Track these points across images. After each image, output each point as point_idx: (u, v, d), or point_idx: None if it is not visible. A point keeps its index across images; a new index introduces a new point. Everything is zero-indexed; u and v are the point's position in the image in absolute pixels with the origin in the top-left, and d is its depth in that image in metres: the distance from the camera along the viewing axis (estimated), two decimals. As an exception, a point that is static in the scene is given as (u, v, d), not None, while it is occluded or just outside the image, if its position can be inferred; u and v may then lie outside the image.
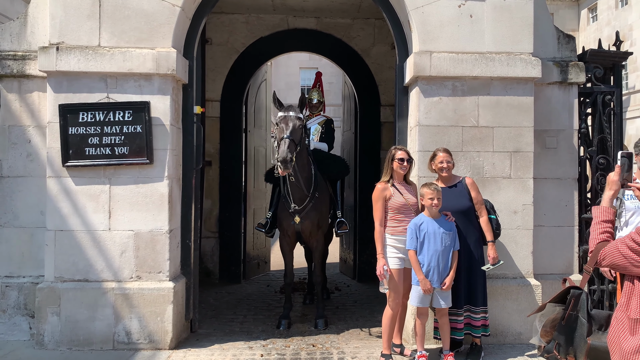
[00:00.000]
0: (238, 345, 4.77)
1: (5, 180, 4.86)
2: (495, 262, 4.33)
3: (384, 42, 7.78)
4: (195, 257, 5.08)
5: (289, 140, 4.83)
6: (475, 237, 4.36)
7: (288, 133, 4.89)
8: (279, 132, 5.00)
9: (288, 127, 4.94)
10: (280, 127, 5.00)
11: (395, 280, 4.23)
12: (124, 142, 4.59)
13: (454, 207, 4.31)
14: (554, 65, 5.05)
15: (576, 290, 2.33)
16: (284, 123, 5.00)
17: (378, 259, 4.20)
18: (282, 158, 4.71)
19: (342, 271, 8.51)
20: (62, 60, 4.55)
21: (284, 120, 5.02)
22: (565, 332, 2.25)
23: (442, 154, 4.38)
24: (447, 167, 4.35)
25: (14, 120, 4.87)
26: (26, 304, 4.78)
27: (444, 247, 4.13)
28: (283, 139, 4.86)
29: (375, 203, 4.27)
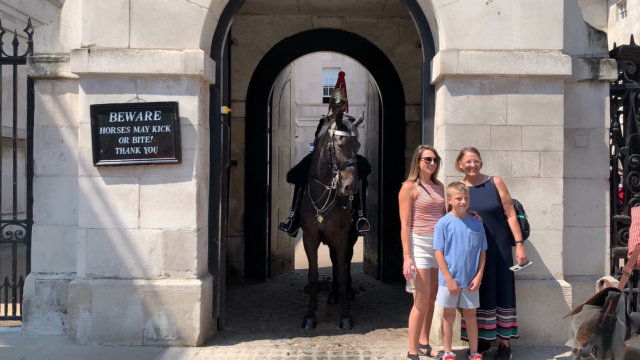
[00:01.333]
0: (264, 343, 4.81)
1: (39, 179, 4.99)
2: (524, 262, 4.27)
3: (408, 40, 7.74)
4: (222, 256, 5.14)
5: (355, 168, 4.91)
6: (504, 237, 4.31)
7: (354, 159, 4.94)
8: (340, 155, 4.94)
9: (352, 152, 4.97)
10: (345, 150, 4.94)
11: (422, 280, 4.20)
12: (153, 141, 4.67)
13: (482, 207, 4.27)
14: (585, 62, 4.95)
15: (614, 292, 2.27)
16: (349, 146, 4.96)
17: (405, 259, 4.18)
18: (353, 189, 4.89)
19: (366, 271, 8.50)
20: (93, 62, 4.65)
21: (348, 143, 4.98)
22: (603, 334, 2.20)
23: (470, 153, 4.34)
24: (474, 167, 4.31)
25: (47, 120, 5.00)
26: (59, 300, 4.90)
27: (471, 248, 4.08)
28: (349, 166, 4.88)
29: (402, 202, 4.24)
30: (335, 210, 5.38)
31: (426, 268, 4.22)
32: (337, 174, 4.96)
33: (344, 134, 5.00)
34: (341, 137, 4.99)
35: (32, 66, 4.96)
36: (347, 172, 4.89)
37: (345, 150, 4.96)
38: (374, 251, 8.08)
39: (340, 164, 4.95)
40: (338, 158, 4.98)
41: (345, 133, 5.01)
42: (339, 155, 4.97)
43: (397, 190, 7.79)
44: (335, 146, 5.01)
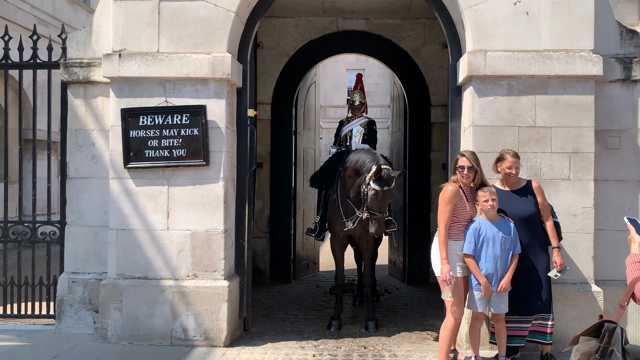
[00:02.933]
0: (290, 344, 4.84)
1: (72, 181, 5.13)
2: (562, 268, 4.19)
3: (434, 41, 7.69)
4: (248, 257, 5.19)
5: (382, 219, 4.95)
6: (541, 243, 4.23)
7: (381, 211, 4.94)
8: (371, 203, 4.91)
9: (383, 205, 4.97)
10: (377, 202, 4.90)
11: (460, 287, 4.08)
12: (182, 144, 4.75)
13: (520, 212, 4.18)
14: (617, 62, 4.85)
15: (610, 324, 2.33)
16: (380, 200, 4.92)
17: (442, 264, 3.98)
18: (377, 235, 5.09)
19: (391, 273, 8.46)
20: (123, 66, 4.76)
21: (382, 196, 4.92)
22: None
23: (512, 158, 4.19)
24: (515, 173, 4.21)
25: (79, 124, 5.14)
26: (91, 299, 5.02)
27: (502, 252, 4.03)
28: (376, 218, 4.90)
29: (445, 205, 4.01)
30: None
31: (463, 275, 4.12)
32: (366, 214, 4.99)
33: (378, 188, 4.91)
34: (375, 191, 4.91)
35: (65, 71, 5.10)
36: (374, 222, 4.94)
37: (378, 202, 4.93)
38: (399, 253, 8.04)
39: (370, 210, 4.96)
40: (369, 205, 4.97)
41: (378, 187, 4.91)
42: (371, 204, 4.96)
43: (422, 192, 7.78)
44: (368, 194, 4.97)
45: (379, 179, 4.93)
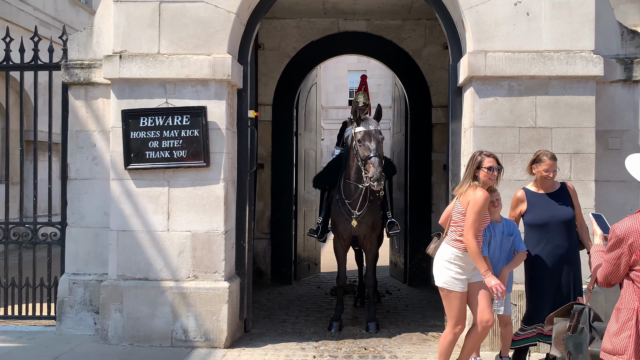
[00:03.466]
0: (291, 346, 4.83)
1: (73, 182, 5.14)
2: None
3: (435, 42, 7.68)
4: (249, 258, 5.19)
5: (378, 159, 4.87)
6: (576, 246, 4.08)
7: (374, 151, 4.90)
8: (362, 150, 4.96)
9: (373, 144, 4.93)
10: (365, 145, 4.95)
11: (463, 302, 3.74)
12: (182, 145, 4.76)
13: (561, 216, 3.99)
14: (618, 63, 4.84)
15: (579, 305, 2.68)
16: (368, 140, 4.95)
17: (488, 278, 3.55)
18: (375, 177, 4.78)
19: (392, 274, 8.45)
20: (124, 67, 4.77)
21: (367, 137, 4.97)
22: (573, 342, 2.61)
23: (549, 161, 3.96)
24: (552, 176, 4.02)
25: (80, 125, 5.15)
26: (91, 300, 5.03)
27: (502, 252, 3.96)
28: (370, 159, 4.86)
29: (478, 212, 3.54)
30: (368, 214, 5.38)
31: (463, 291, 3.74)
32: (363, 171, 4.97)
33: (362, 128, 5.03)
34: (360, 132, 5.02)
35: (66, 72, 5.11)
36: (368, 165, 4.88)
37: (366, 144, 4.96)
38: (401, 254, 8.03)
39: (363, 158, 4.95)
40: (361, 154, 4.99)
41: (363, 127, 5.02)
42: (361, 150, 4.99)
43: (423, 194, 7.76)
44: (356, 143, 5.03)
45: (361, 121, 5.06)
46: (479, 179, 3.68)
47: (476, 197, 3.55)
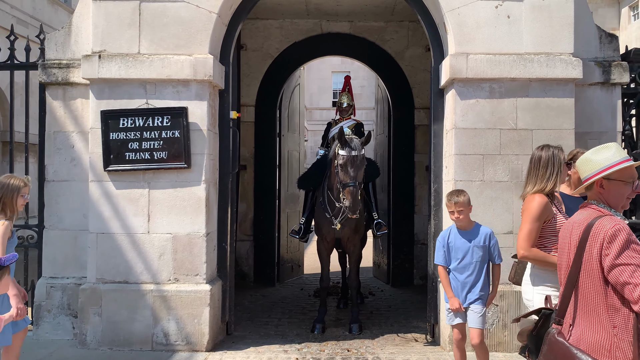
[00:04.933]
0: (273, 348, 4.80)
1: (50, 184, 5.04)
2: None
3: (418, 44, 7.72)
4: (231, 260, 5.14)
5: (356, 191, 4.79)
6: None
7: (353, 180, 4.81)
8: (342, 175, 4.88)
9: (353, 172, 4.83)
10: (346, 171, 4.87)
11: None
12: (163, 146, 4.70)
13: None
14: (596, 66, 4.91)
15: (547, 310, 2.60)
16: (350, 166, 4.86)
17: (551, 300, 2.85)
18: (352, 210, 4.78)
19: (375, 275, 8.46)
20: (103, 67, 4.69)
21: (349, 163, 4.87)
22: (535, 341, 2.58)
23: None
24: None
25: (58, 126, 5.05)
26: (70, 304, 4.93)
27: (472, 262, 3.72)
28: (349, 187, 4.80)
29: (534, 221, 3.04)
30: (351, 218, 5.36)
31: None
32: (342, 194, 4.91)
33: (344, 153, 4.92)
34: (342, 157, 4.92)
35: (43, 72, 5.01)
36: (346, 193, 4.84)
37: (346, 169, 4.88)
38: (384, 255, 8.04)
39: (343, 183, 4.91)
40: (341, 178, 4.94)
41: (345, 152, 4.90)
42: (341, 175, 4.93)
43: (406, 195, 7.79)
44: (338, 165, 4.96)
45: (343, 144, 4.94)
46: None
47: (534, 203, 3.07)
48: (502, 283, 4.61)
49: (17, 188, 3.43)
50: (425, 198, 7.23)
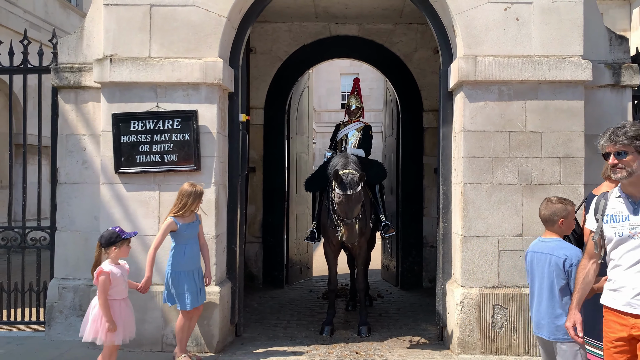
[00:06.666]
0: (282, 350, 4.81)
1: (62, 186, 5.10)
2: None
3: (426, 47, 7.72)
4: (240, 262, 5.17)
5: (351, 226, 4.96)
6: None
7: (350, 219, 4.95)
8: (340, 210, 4.97)
9: (351, 212, 4.95)
10: (342, 209, 4.95)
11: None
12: (173, 149, 4.74)
13: None
14: (606, 68, 4.89)
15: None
16: (346, 204, 4.94)
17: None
18: (349, 242, 5.08)
19: (384, 278, 8.46)
20: (115, 71, 4.74)
21: (345, 203, 4.94)
22: None
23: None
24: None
25: (70, 129, 5.11)
26: (81, 305, 4.98)
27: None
28: (345, 223, 4.95)
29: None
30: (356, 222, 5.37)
31: None
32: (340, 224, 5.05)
33: (339, 192, 4.98)
34: (338, 196, 4.98)
35: (56, 76, 5.08)
36: (344, 229, 5.00)
37: (343, 208, 4.97)
38: (392, 258, 8.04)
39: (340, 218, 5.03)
40: (338, 213, 5.05)
41: (341, 192, 4.97)
42: (338, 211, 5.03)
43: (415, 197, 7.80)
44: (334, 201, 5.05)
45: (340, 184, 4.99)
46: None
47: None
48: (511, 286, 4.61)
49: (200, 193, 4.30)
50: (433, 200, 7.22)
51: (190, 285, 4.29)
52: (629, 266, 2.57)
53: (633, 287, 2.56)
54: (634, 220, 2.57)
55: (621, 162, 2.57)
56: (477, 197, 4.65)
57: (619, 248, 2.62)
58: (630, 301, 2.54)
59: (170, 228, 4.25)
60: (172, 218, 4.26)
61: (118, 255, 3.86)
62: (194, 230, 4.36)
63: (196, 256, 4.39)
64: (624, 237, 2.59)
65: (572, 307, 2.84)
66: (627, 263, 2.58)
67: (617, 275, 2.63)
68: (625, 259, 2.59)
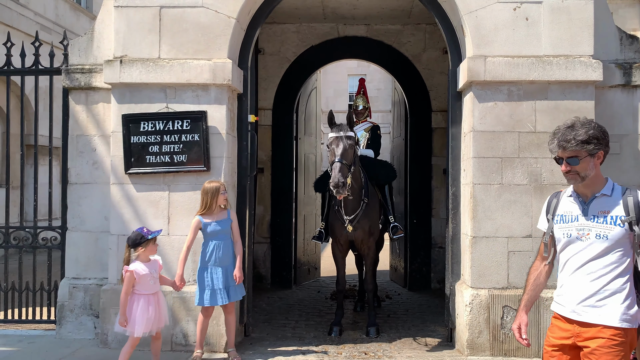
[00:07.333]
0: (291, 350, 4.82)
1: (73, 186, 5.14)
2: None
3: (435, 47, 7.71)
4: (249, 262, 5.19)
5: (339, 164, 4.80)
6: None
7: (339, 156, 4.84)
8: (330, 155, 4.96)
9: (339, 150, 4.88)
10: (332, 149, 4.94)
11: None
12: (182, 150, 4.77)
13: None
14: (617, 68, 4.86)
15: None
16: (335, 145, 4.93)
17: None
18: (334, 183, 4.69)
19: (392, 279, 8.45)
20: (125, 72, 4.78)
21: (335, 142, 4.95)
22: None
23: None
24: None
25: (81, 130, 5.16)
26: (91, 305, 5.03)
27: None
28: (334, 163, 4.84)
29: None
30: (364, 218, 5.36)
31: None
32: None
33: (332, 134, 5.00)
34: (330, 138, 5.00)
35: (67, 77, 5.13)
36: (332, 170, 4.83)
37: (332, 148, 4.94)
38: (401, 259, 8.03)
39: (330, 163, 4.95)
40: (329, 159, 4.98)
41: (333, 133, 4.98)
42: (329, 155, 4.98)
43: (423, 198, 7.79)
44: (327, 148, 5.03)
45: (334, 127, 4.98)
46: None
47: None
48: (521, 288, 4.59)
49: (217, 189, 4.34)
50: (442, 201, 7.21)
51: (210, 282, 4.34)
52: (575, 269, 2.45)
53: (579, 292, 2.43)
54: (583, 221, 2.45)
55: (573, 169, 2.42)
56: (487, 198, 4.64)
57: (568, 250, 2.49)
58: (576, 308, 2.42)
59: (195, 226, 4.39)
60: (197, 217, 4.39)
61: (146, 253, 4.07)
62: (222, 227, 4.39)
63: (222, 253, 4.38)
64: (572, 238, 2.46)
65: (520, 309, 2.68)
66: (574, 266, 2.46)
67: (565, 279, 2.51)
68: (572, 262, 2.47)
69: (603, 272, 2.40)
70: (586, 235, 2.43)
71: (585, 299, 2.41)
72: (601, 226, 2.40)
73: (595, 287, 2.40)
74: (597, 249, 2.41)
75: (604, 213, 2.42)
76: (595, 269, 2.41)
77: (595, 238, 2.40)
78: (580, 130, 2.42)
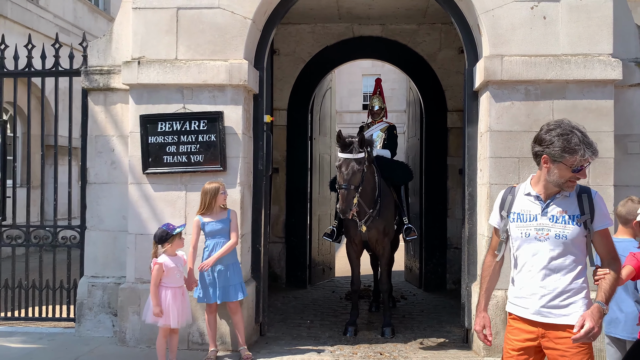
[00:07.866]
0: (306, 349, 4.83)
1: (92, 186, 5.22)
2: None
3: (450, 46, 7.67)
4: (264, 262, 5.21)
5: (346, 192, 4.79)
6: None
7: (345, 182, 4.82)
8: (339, 177, 4.93)
9: (345, 174, 4.83)
10: (340, 172, 4.90)
11: None
12: (199, 150, 4.81)
13: None
14: (636, 66, 4.80)
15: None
16: (344, 167, 4.88)
17: None
18: (340, 210, 4.81)
19: (407, 279, 8.42)
20: (142, 73, 4.84)
21: (343, 164, 4.90)
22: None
23: None
24: None
25: (99, 130, 5.23)
26: (110, 303, 5.09)
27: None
28: (340, 189, 4.83)
29: None
30: (379, 219, 5.35)
31: None
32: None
33: (341, 155, 4.93)
34: (338, 159, 4.94)
35: (86, 78, 5.20)
36: (339, 195, 4.87)
37: (340, 172, 4.90)
38: (416, 259, 8.00)
39: (338, 186, 4.92)
40: (338, 179, 4.95)
41: (343, 155, 4.92)
42: (338, 176, 4.94)
43: (438, 198, 7.75)
44: (336, 167, 4.99)
45: (345, 147, 4.91)
46: None
47: None
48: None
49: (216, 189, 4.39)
50: (458, 202, 7.17)
51: (207, 279, 4.40)
52: (537, 271, 2.41)
53: (542, 294, 2.40)
54: (542, 221, 2.40)
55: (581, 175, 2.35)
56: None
57: (525, 249, 2.45)
58: (541, 310, 2.39)
59: (195, 226, 4.48)
60: (197, 216, 4.47)
61: (173, 248, 4.21)
62: (221, 226, 4.44)
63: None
64: (530, 238, 2.42)
65: (480, 310, 2.63)
66: (534, 267, 2.42)
67: (525, 280, 2.45)
68: (532, 263, 2.43)
69: (564, 273, 2.39)
70: (545, 236, 2.40)
71: (550, 300, 2.40)
72: (560, 226, 2.38)
73: (559, 288, 2.39)
74: (557, 250, 2.39)
75: (563, 213, 2.40)
76: (556, 270, 2.40)
77: (555, 238, 2.39)
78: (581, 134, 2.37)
